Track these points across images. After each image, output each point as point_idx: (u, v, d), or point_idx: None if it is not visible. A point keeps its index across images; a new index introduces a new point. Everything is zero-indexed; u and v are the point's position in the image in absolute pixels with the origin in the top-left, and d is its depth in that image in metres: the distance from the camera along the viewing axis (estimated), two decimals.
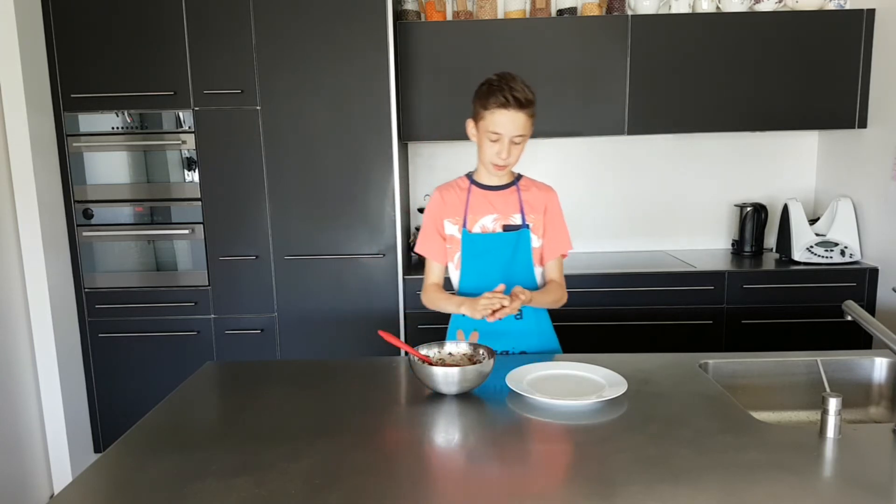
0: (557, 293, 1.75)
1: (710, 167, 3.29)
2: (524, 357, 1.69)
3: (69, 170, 2.71)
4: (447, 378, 1.37)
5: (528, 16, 2.98)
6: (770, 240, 3.16)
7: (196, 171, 2.71)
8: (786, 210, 2.96)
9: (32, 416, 2.65)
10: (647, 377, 1.48)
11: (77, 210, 2.74)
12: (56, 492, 2.69)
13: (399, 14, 2.92)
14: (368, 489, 1.03)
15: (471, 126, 1.71)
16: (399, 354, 2.07)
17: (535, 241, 1.76)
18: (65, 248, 2.74)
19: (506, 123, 1.61)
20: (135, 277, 2.78)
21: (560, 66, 2.84)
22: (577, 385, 1.44)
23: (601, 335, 2.76)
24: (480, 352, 1.51)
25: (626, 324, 2.78)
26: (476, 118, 1.68)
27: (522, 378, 1.46)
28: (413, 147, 3.26)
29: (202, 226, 2.74)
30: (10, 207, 2.56)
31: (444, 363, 1.48)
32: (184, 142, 2.69)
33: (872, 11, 2.80)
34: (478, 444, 1.20)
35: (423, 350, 1.51)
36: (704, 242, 3.34)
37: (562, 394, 1.38)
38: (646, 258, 3.12)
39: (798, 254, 2.87)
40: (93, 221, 2.75)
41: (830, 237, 2.88)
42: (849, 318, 1.33)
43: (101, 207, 2.74)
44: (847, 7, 2.89)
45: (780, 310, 2.77)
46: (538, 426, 1.27)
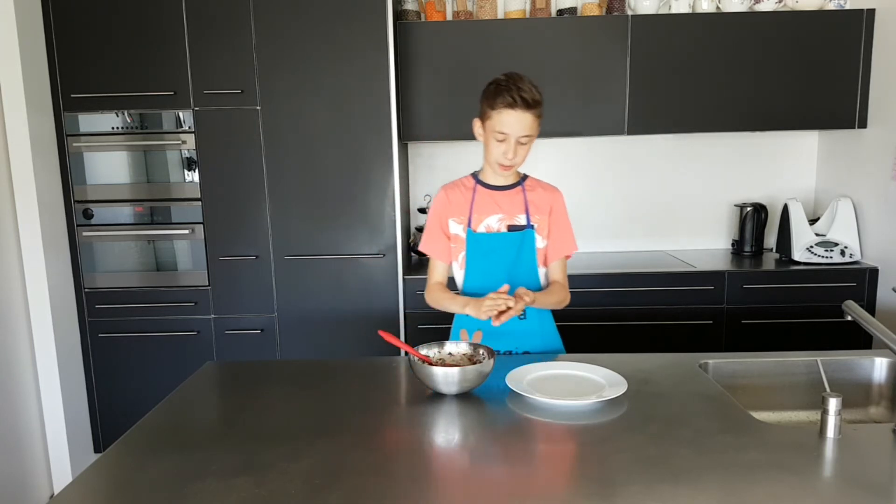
0: (561, 294, 1.75)
1: (710, 167, 3.29)
2: (524, 357, 1.69)
3: (69, 170, 2.71)
4: (447, 378, 1.37)
5: (528, 16, 2.98)
6: (770, 240, 3.16)
7: (196, 171, 2.71)
8: (786, 210, 2.96)
9: (32, 416, 2.65)
10: (647, 377, 1.48)
11: (77, 210, 2.74)
12: (56, 492, 2.69)
13: (399, 14, 2.92)
14: (368, 489, 1.03)
15: (477, 125, 1.71)
16: (399, 354, 2.07)
17: (540, 242, 1.75)
18: (65, 248, 2.74)
19: (513, 123, 1.61)
20: (135, 277, 2.78)
21: (560, 66, 2.84)
22: (577, 385, 1.44)
23: (601, 335, 2.76)
24: (480, 352, 1.51)
25: (626, 324, 2.78)
26: (483, 118, 1.68)
27: (522, 378, 1.46)
28: (413, 147, 3.26)
29: (202, 226, 2.74)
30: (10, 207, 2.56)
31: (444, 363, 1.49)
32: (184, 142, 2.69)
33: (872, 11, 2.80)
34: (478, 444, 1.20)
35: (423, 350, 1.51)
36: (704, 242, 3.34)
37: (562, 394, 1.38)
38: (646, 258, 3.12)
39: (798, 254, 2.87)
40: (93, 221, 2.75)
41: (830, 237, 2.88)
42: (849, 318, 1.33)
43: (101, 207, 2.74)
44: (847, 7, 2.89)
45: (780, 310, 2.77)
46: (538, 426, 1.27)
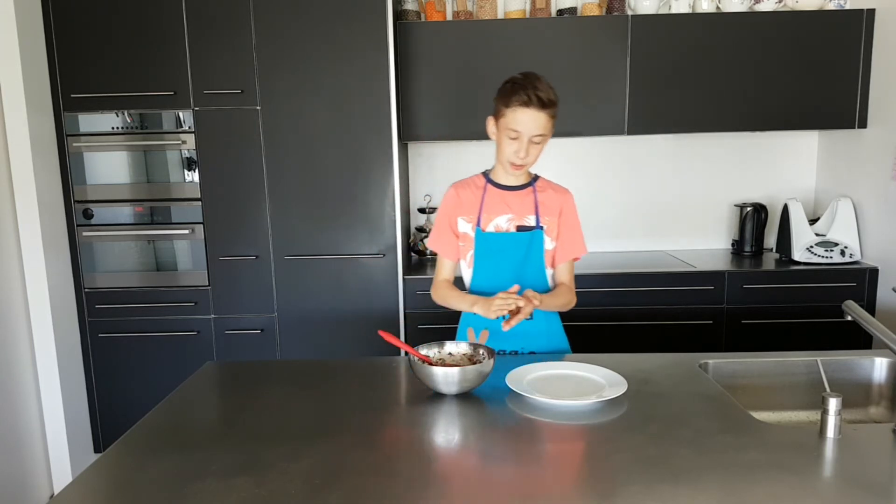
0: (567, 296, 1.75)
1: (710, 167, 3.29)
2: (524, 357, 1.69)
3: (69, 170, 2.71)
4: (447, 378, 1.37)
5: (528, 16, 2.98)
6: (770, 240, 3.16)
7: (196, 171, 2.71)
8: (786, 210, 2.96)
9: (32, 416, 2.65)
10: (647, 377, 1.48)
11: (77, 210, 2.74)
12: (56, 492, 2.69)
13: (399, 14, 2.92)
14: (368, 489, 1.03)
15: (491, 124, 1.71)
16: (399, 354, 2.07)
17: (549, 243, 1.75)
18: (65, 248, 2.74)
19: (526, 122, 1.61)
20: (135, 277, 2.78)
21: (560, 66, 2.84)
22: (577, 385, 1.44)
23: (601, 335, 2.76)
24: (480, 352, 1.50)
25: (626, 324, 2.78)
26: (497, 115, 1.67)
27: (522, 378, 1.46)
28: (413, 147, 3.26)
29: (202, 226, 2.74)
30: (10, 207, 2.56)
31: (444, 363, 1.48)
32: (184, 142, 2.69)
33: (872, 11, 2.80)
34: (478, 445, 1.20)
35: (423, 350, 1.51)
36: (704, 242, 3.34)
37: (562, 394, 1.38)
38: (646, 258, 3.12)
39: (798, 254, 2.87)
40: (93, 221, 2.75)
41: (830, 237, 2.88)
42: (849, 318, 1.33)
43: (101, 207, 2.74)
44: (847, 7, 2.89)
45: (780, 310, 2.77)
46: (538, 426, 1.27)
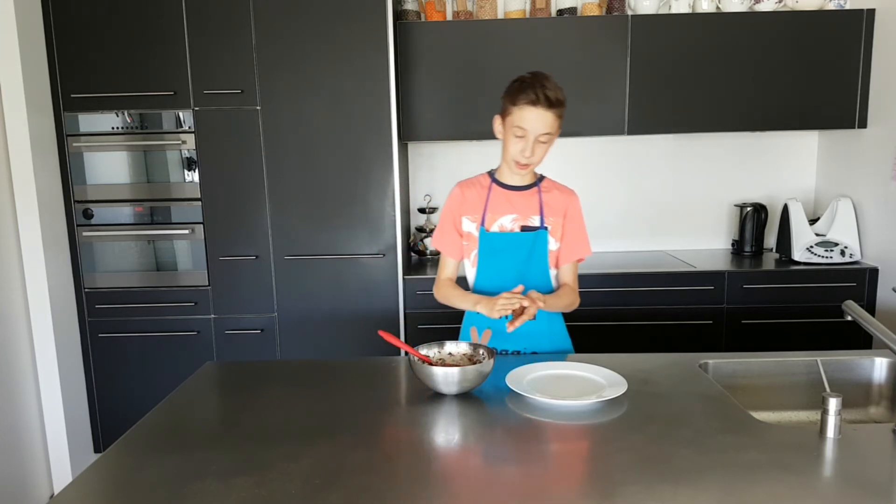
0: (570, 297, 1.75)
1: (710, 167, 3.29)
2: (524, 357, 1.69)
3: (69, 170, 2.71)
4: (447, 378, 1.37)
5: (528, 16, 2.98)
6: (770, 240, 3.16)
7: (196, 171, 2.71)
8: (786, 210, 2.96)
9: (32, 416, 2.65)
10: (647, 377, 1.48)
11: (77, 210, 2.74)
12: (56, 492, 2.69)
13: (399, 14, 2.92)
14: (368, 489, 1.03)
15: (497, 123, 1.71)
16: (399, 354, 2.07)
17: (553, 244, 1.75)
18: (65, 248, 2.74)
19: (533, 120, 1.60)
20: (135, 277, 2.78)
21: (560, 66, 2.84)
22: (577, 385, 1.44)
23: (601, 335, 2.76)
24: (480, 352, 1.50)
25: (626, 324, 2.78)
26: (504, 114, 1.67)
27: (522, 378, 1.46)
28: (413, 147, 3.26)
29: (202, 226, 2.74)
30: (10, 207, 2.56)
31: (444, 363, 1.48)
32: (184, 142, 2.69)
33: (872, 11, 2.80)
34: (478, 444, 1.20)
35: (423, 350, 1.51)
36: (704, 242, 3.34)
37: (562, 394, 1.38)
38: (646, 258, 3.12)
39: (798, 254, 2.87)
40: (93, 221, 2.75)
41: (830, 237, 2.88)
42: (849, 318, 1.33)
43: (101, 207, 2.74)
44: (847, 7, 2.89)
45: (780, 310, 2.77)
46: (538, 426, 1.27)
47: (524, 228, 1.73)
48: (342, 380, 1.55)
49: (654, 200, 3.31)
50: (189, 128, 2.68)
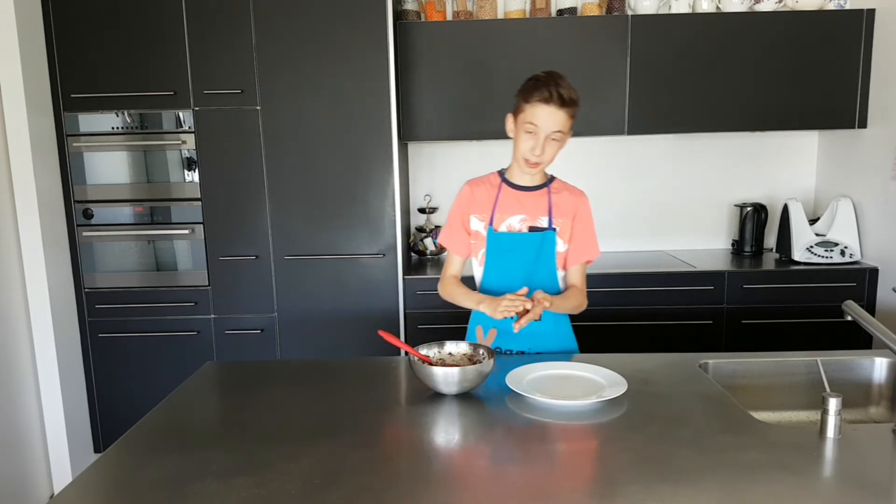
0: (578, 299, 1.74)
1: (710, 167, 3.29)
2: (525, 357, 1.69)
3: (69, 170, 2.71)
4: (447, 378, 1.37)
5: (528, 16, 2.98)
6: (770, 240, 3.16)
7: (196, 171, 2.71)
8: (786, 210, 2.96)
9: (32, 416, 2.65)
10: (647, 377, 1.48)
11: (77, 210, 2.74)
12: (56, 492, 2.69)
13: (399, 14, 2.92)
14: (368, 489, 1.03)
15: (510, 121, 1.70)
16: (399, 354, 2.07)
17: (561, 246, 1.74)
18: (65, 248, 2.74)
19: (545, 117, 1.60)
20: (135, 277, 2.78)
21: (560, 67, 2.79)
22: (577, 385, 1.44)
23: (601, 335, 2.76)
24: (480, 352, 1.51)
25: (626, 324, 2.78)
26: (516, 112, 1.67)
27: (522, 378, 1.46)
28: (413, 147, 3.26)
29: (202, 226, 2.74)
30: (10, 207, 2.56)
31: (444, 363, 1.48)
32: (184, 142, 2.69)
33: (872, 11, 2.80)
34: (478, 444, 1.20)
35: (423, 350, 1.51)
36: (704, 242, 3.34)
37: (562, 394, 1.38)
38: (646, 258, 3.12)
39: (798, 254, 2.87)
40: (93, 221, 2.75)
41: (830, 237, 2.88)
42: (849, 318, 1.33)
43: (101, 207, 2.74)
44: (847, 7, 2.89)
45: (780, 310, 2.77)
46: (538, 426, 1.27)
47: (532, 229, 1.73)
48: (342, 380, 1.55)
49: (654, 200, 3.31)
50: (189, 128, 2.68)
